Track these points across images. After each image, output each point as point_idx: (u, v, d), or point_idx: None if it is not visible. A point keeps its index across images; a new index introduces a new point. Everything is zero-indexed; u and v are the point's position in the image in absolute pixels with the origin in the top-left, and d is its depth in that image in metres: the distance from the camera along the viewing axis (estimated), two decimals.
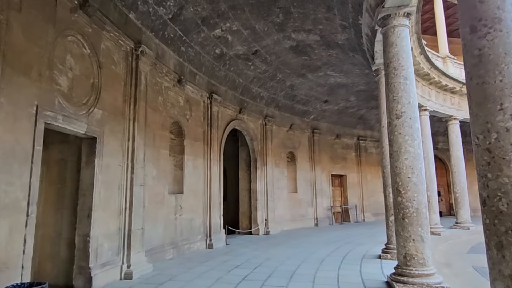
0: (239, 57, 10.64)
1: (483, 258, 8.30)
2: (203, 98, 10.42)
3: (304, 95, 14.79)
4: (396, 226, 5.66)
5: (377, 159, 20.07)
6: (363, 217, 18.69)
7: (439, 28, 15.70)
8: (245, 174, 13.86)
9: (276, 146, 14.71)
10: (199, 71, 10.06)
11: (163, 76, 8.44)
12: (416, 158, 5.61)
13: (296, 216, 15.48)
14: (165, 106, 8.53)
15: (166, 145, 8.62)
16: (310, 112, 16.24)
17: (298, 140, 16.15)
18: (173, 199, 8.61)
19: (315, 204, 16.52)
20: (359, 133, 19.25)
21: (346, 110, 17.31)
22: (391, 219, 8.23)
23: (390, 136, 5.83)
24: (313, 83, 13.73)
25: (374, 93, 15.24)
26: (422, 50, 11.46)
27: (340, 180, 18.85)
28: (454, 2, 16.46)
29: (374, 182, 19.66)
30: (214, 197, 10.27)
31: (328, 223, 16.89)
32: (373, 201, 19.42)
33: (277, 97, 14.02)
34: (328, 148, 17.74)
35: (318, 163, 16.94)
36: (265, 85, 12.90)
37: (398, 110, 5.75)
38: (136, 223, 6.69)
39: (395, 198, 5.71)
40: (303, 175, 16.23)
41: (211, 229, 9.90)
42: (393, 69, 5.89)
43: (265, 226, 13.30)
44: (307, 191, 16.33)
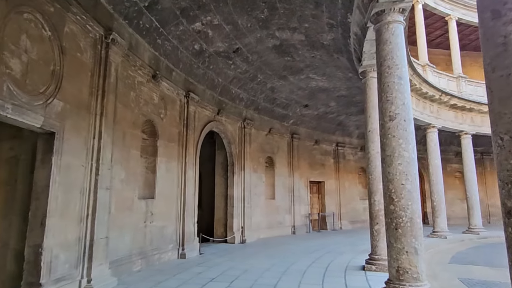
0: (220, 55, 10.06)
1: (466, 269, 8.00)
2: (180, 97, 9.75)
3: (285, 99, 14.37)
4: (388, 236, 5.22)
5: (355, 166, 19.97)
6: (340, 225, 18.40)
7: (420, 37, 15.81)
8: (222, 179, 13.22)
9: (255, 150, 14.17)
10: (176, 67, 9.39)
11: (137, 70, 7.74)
12: (411, 163, 5.22)
13: (273, 223, 14.95)
14: (137, 102, 7.81)
15: (138, 145, 7.88)
16: (290, 116, 15.84)
17: (277, 145, 15.68)
18: (143, 204, 7.86)
19: (292, 211, 16.06)
20: (337, 140, 19.03)
21: (326, 115, 17.05)
22: (375, 228, 7.85)
23: (383, 139, 5.42)
24: (294, 86, 13.33)
25: (354, 99, 15.10)
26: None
27: (318, 187, 18.52)
28: (434, 12, 16.64)
29: (351, 190, 19.50)
30: (188, 203, 9.57)
31: (305, 231, 16.46)
32: (350, 208, 19.23)
33: (257, 99, 13.51)
34: (307, 154, 17.38)
35: (297, 169, 16.53)
36: (245, 86, 12.36)
37: (391, 111, 5.35)
38: (99, 232, 5.92)
39: (387, 206, 5.28)
40: (281, 181, 15.76)
41: (184, 238, 9.18)
42: (386, 68, 5.50)
43: (241, 234, 12.68)
44: (285, 198, 15.85)
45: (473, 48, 20.69)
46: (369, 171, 8.06)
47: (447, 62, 18.79)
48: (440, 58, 19.04)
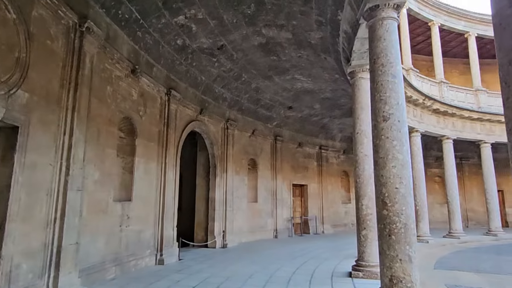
0: (203, 51, 9.65)
1: (452, 275, 7.82)
2: (160, 94, 9.28)
3: (269, 100, 14.06)
4: (380, 243, 4.94)
5: (338, 170, 19.87)
6: (322, 229, 18.21)
7: (404, 41, 15.82)
8: (203, 181, 12.76)
9: (238, 152, 13.79)
10: (157, 63, 8.92)
11: (114, 63, 7.24)
12: (405, 166, 4.97)
13: (255, 227, 14.58)
14: (114, 98, 7.31)
15: (114, 144, 7.36)
16: (274, 118, 15.54)
17: (260, 147, 15.35)
18: (119, 207, 7.34)
19: (275, 215, 15.74)
20: (321, 143, 18.87)
21: (310, 118, 16.85)
22: (363, 233, 7.60)
23: (376, 140, 5.15)
24: (279, 87, 13.05)
25: (339, 102, 14.97)
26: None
27: (301, 190, 18.28)
28: (417, 17, 16.75)
29: (334, 193, 19.37)
30: (167, 206, 9.08)
31: (288, 235, 16.17)
32: (333, 212, 19.08)
33: (240, 99, 13.15)
34: (290, 157, 17.12)
35: (280, 172, 16.23)
36: (229, 85, 11.98)
37: (385, 111, 5.09)
38: (68, 237, 5.40)
39: (379, 212, 5.00)
40: (264, 184, 15.42)
41: (162, 243, 8.67)
42: (380, 66, 5.25)
43: (223, 238, 12.24)
44: (267, 201, 15.52)
45: (453, 55, 21.02)
46: (356, 174, 7.82)
47: (428, 68, 18.99)
48: (421, 63, 19.18)
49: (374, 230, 7.55)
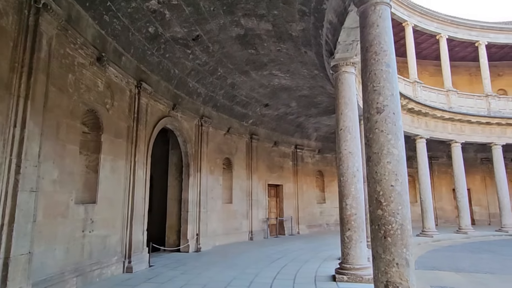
0: (177, 42, 8.99)
1: (434, 275, 7.58)
2: (130, 86, 8.53)
3: (245, 96, 13.55)
4: (374, 246, 4.54)
5: (313, 170, 19.66)
6: (297, 230, 17.91)
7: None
8: (175, 182, 12.04)
9: (212, 150, 13.17)
10: (127, 52, 8.18)
11: (77, 49, 6.47)
12: (401, 162, 4.60)
13: (230, 229, 14.00)
14: (77, 88, 6.53)
15: (76, 140, 6.59)
16: (250, 116, 15.04)
17: (236, 145, 14.80)
18: (81, 210, 6.57)
19: (250, 216, 15.23)
20: (296, 142, 18.57)
21: (286, 116, 16.49)
22: (347, 235, 7.24)
23: (369, 134, 4.75)
24: (255, 83, 12.56)
25: (316, 100, 14.68)
26: None
27: (276, 190, 17.89)
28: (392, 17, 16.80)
29: (309, 193, 19.13)
30: (137, 208, 8.35)
31: (263, 237, 15.71)
32: (308, 212, 18.84)
33: (215, 95, 12.54)
34: (266, 156, 16.68)
35: (255, 172, 15.75)
36: (204, 80, 11.35)
37: (379, 103, 4.71)
38: (19, 246, 4.63)
39: (373, 211, 4.61)
40: (239, 184, 14.87)
41: (131, 248, 7.93)
42: (373, 54, 4.87)
43: (196, 241, 11.58)
44: (242, 202, 14.98)
45: (424, 57, 21.39)
46: (340, 173, 7.45)
47: (400, 68, 19.08)
48: None
49: (359, 231, 7.25)
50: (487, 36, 19.14)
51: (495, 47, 20.16)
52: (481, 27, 19.01)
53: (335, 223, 20.26)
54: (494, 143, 18.34)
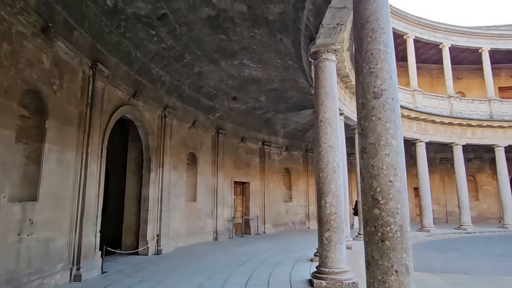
0: (140, 20, 7.99)
1: None
2: (83, 67, 7.43)
3: (213, 88, 12.69)
4: (369, 251, 3.95)
5: (280, 167, 19.15)
6: (263, 229, 17.31)
7: None
8: (135, 178, 10.95)
9: (176, 144, 12.19)
10: (80, 26, 7.08)
11: (15, 14, 5.35)
12: (400, 154, 4.04)
13: (193, 229, 13.10)
14: (15, 61, 5.42)
15: (12, 124, 5.46)
16: (217, 109, 14.20)
17: (201, 140, 13.89)
18: (17, 209, 5.46)
19: (215, 215, 14.40)
20: (264, 138, 17.95)
21: (254, 111, 15.82)
22: (326, 236, 6.66)
23: (364, 122, 4.16)
24: (224, 74, 11.75)
25: (286, 94, 14.13)
26: None
27: (242, 188, 17.18)
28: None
29: (275, 191, 18.60)
30: (88, 207, 7.26)
31: (228, 237, 14.94)
32: (274, 211, 18.31)
33: (181, 85, 11.59)
34: (232, 152, 15.90)
35: (221, 168, 14.93)
36: (169, 67, 10.38)
37: (377, 86, 4.12)
38: None
39: (369, 211, 4.01)
40: (204, 181, 13.99)
41: (80, 253, 6.85)
42: (369, 32, 4.27)
43: (157, 243, 10.58)
44: (207, 200, 14.12)
45: None
46: (319, 168, 6.86)
47: None
48: None
49: (339, 232, 6.70)
50: (451, 39, 19.64)
51: (456, 51, 20.75)
52: (445, 30, 19.46)
53: (301, 221, 19.95)
54: (455, 143, 18.83)
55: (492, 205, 23.48)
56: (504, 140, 19.33)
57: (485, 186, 24.04)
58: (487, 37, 20.19)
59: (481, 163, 23.79)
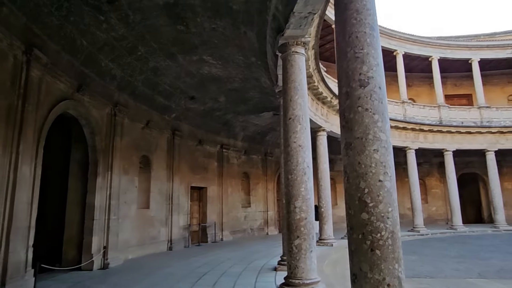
0: (87, 2, 7.01)
1: None
2: (15, 51, 6.33)
3: (169, 85, 11.79)
4: (356, 262, 3.42)
5: (238, 171, 18.50)
6: (221, 236, 16.52)
7: None
8: (78, 182, 9.74)
9: (127, 146, 11.12)
10: (11, 2, 5.99)
11: None
12: (389, 150, 3.57)
13: (146, 239, 12.03)
14: None
15: None
16: (173, 109, 13.28)
17: (156, 142, 12.88)
18: None
19: (170, 223, 13.39)
20: (222, 141, 17.23)
21: (213, 112, 15.07)
22: (296, 243, 6.11)
23: (349, 114, 3.65)
24: (182, 70, 10.93)
25: (247, 95, 13.55)
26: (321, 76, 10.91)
27: (199, 194, 16.28)
28: (330, 23, 16.64)
29: (233, 197, 17.92)
30: (18, 218, 6.12)
31: (184, 246, 13.99)
32: (232, 217, 17.61)
33: (134, 80, 10.59)
34: (189, 155, 15.01)
35: (177, 173, 13.98)
36: (121, 59, 9.39)
37: (363, 73, 3.63)
38: None
39: (355, 215, 3.48)
40: (158, 186, 12.97)
41: (6, 273, 5.67)
42: (354, 13, 3.79)
43: (104, 256, 9.45)
44: (161, 207, 13.10)
45: None
46: (288, 169, 6.32)
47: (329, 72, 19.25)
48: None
49: (309, 239, 6.17)
50: (404, 47, 20.31)
51: (408, 58, 21.50)
52: (399, 37, 20.08)
53: (259, 228, 19.40)
54: (408, 147, 19.37)
55: (440, 207, 24.57)
56: (452, 145, 20.24)
57: (433, 189, 25.10)
58: (437, 46, 21.16)
59: (429, 167, 24.81)
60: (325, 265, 9.92)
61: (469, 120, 21.05)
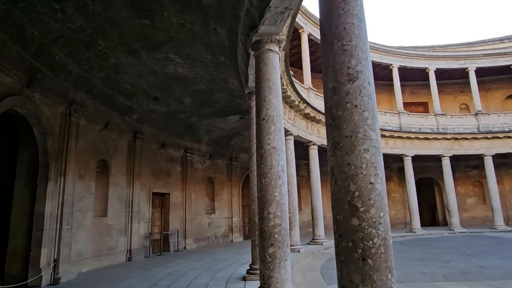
0: None
1: None
2: None
3: (131, 85, 11.08)
4: (346, 273, 3.09)
5: (203, 176, 17.91)
6: (184, 244, 15.82)
7: (305, 62, 16.79)
8: (26, 188, 8.80)
9: (83, 149, 10.26)
10: None
11: None
12: (379, 150, 3.32)
13: (102, 249, 11.15)
14: None
15: None
16: (135, 110, 12.52)
17: (115, 144, 12.05)
18: None
19: (129, 232, 12.56)
20: (186, 145, 16.58)
21: (177, 114, 14.44)
22: (270, 252, 5.75)
23: (337, 110, 3.35)
24: (146, 69, 10.30)
25: (213, 97, 13.10)
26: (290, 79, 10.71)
27: (162, 200, 15.51)
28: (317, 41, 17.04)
29: (197, 203, 17.29)
30: None
31: (145, 255, 13.19)
32: (196, 224, 16.96)
33: (92, 78, 9.80)
34: (151, 160, 14.24)
35: (138, 178, 13.19)
36: (78, 54, 8.63)
37: (351, 67, 3.36)
38: None
39: (344, 221, 3.17)
40: (117, 192, 12.12)
41: None
42: (342, 2, 3.52)
43: (54, 270, 8.54)
44: (120, 214, 12.25)
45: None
46: (261, 173, 5.97)
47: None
48: None
49: (283, 247, 5.83)
50: None
51: None
52: None
53: (224, 234, 18.86)
54: None
55: (399, 211, 25.33)
56: (411, 150, 20.96)
57: (393, 193, 25.84)
58: (397, 55, 21.92)
59: (389, 172, 25.54)
60: (295, 272, 9.63)
61: (426, 127, 21.95)
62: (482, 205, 24.67)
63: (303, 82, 16.64)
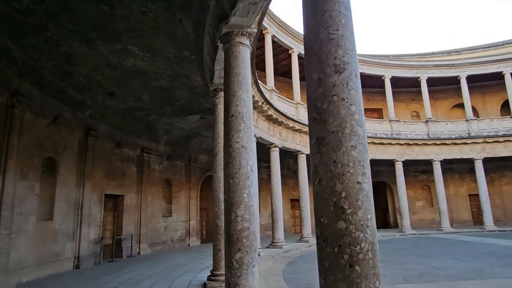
0: None
1: None
2: None
3: (84, 77, 10.21)
4: (332, 281, 2.82)
5: (160, 178, 17.13)
6: (138, 250, 14.96)
7: (268, 64, 16.80)
8: None
9: (27, 145, 9.26)
10: None
11: None
12: (366, 147, 3.12)
13: (46, 257, 10.14)
14: None
15: None
16: (88, 105, 11.59)
17: (64, 142, 11.06)
18: None
19: (78, 237, 11.59)
20: (143, 145, 15.74)
21: (135, 112, 13.62)
22: (237, 258, 5.39)
23: (322, 104, 3.09)
24: (102, 60, 9.51)
25: (174, 95, 12.51)
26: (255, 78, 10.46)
27: (114, 202, 14.56)
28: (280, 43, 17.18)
29: (153, 205, 16.48)
30: None
31: (94, 262, 12.25)
32: (152, 228, 16.15)
33: (40, 67, 8.88)
34: (105, 159, 13.31)
35: (90, 178, 12.24)
36: (24, 39, 7.74)
37: (338, 58, 3.12)
38: None
39: (329, 225, 2.90)
40: (65, 193, 11.13)
41: None
42: None
43: None
44: (68, 218, 11.26)
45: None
46: (229, 173, 5.60)
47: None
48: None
49: (251, 252, 5.51)
50: None
51: None
52: None
53: (181, 238, 18.15)
54: None
55: None
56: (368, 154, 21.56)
57: None
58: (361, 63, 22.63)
59: None
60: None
61: (381, 132, 22.76)
62: (430, 208, 26.00)
63: (266, 84, 16.48)
